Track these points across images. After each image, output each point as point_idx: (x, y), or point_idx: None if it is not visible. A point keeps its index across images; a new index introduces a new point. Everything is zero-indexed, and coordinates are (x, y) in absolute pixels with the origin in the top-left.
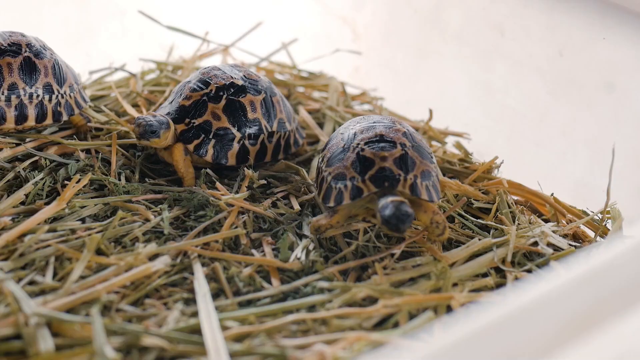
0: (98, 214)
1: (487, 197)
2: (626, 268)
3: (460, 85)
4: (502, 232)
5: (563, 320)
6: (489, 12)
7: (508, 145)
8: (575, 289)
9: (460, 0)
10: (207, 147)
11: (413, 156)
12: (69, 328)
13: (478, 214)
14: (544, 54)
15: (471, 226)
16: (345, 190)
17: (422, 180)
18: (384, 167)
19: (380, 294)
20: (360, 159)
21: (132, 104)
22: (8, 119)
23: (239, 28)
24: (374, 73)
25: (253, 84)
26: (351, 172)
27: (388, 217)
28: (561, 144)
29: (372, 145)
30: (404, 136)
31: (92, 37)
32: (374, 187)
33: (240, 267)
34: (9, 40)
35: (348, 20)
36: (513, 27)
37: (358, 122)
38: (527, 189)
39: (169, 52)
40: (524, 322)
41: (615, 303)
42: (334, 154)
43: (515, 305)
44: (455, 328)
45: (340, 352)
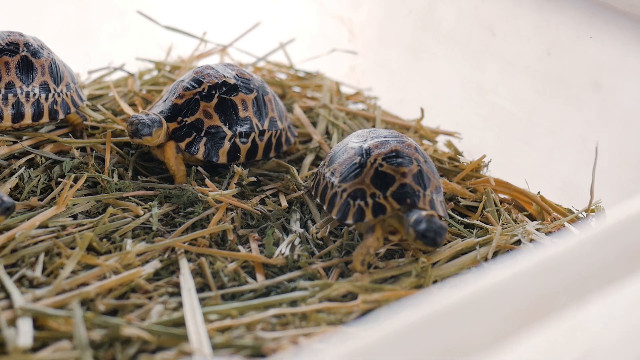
0: (90, 210)
1: (474, 196)
2: (573, 263)
3: (453, 84)
4: (486, 231)
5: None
6: (480, 12)
7: (498, 144)
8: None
9: (452, 0)
10: (198, 145)
11: (427, 172)
12: (54, 322)
13: (465, 212)
14: (533, 53)
15: (457, 225)
16: (366, 208)
17: (437, 196)
18: (405, 184)
19: (361, 290)
20: (379, 174)
21: (130, 103)
22: (5, 117)
23: (237, 28)
24: (370, 72)
25: (245, 83)
26: (371, 189)
27: (424, 232)
28: (549, 142)
29: (390, 160)
30: (416, 151)
31: (91, 37)
32: (396, 204)
33: (225, 263)
34: (7, 39)
35: (345, 20)
36: (503, 26)
37: (367, 136)
38: (514, 187)
39: (167, 52)
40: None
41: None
42: (348, 169)
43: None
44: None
45: (315, 345)
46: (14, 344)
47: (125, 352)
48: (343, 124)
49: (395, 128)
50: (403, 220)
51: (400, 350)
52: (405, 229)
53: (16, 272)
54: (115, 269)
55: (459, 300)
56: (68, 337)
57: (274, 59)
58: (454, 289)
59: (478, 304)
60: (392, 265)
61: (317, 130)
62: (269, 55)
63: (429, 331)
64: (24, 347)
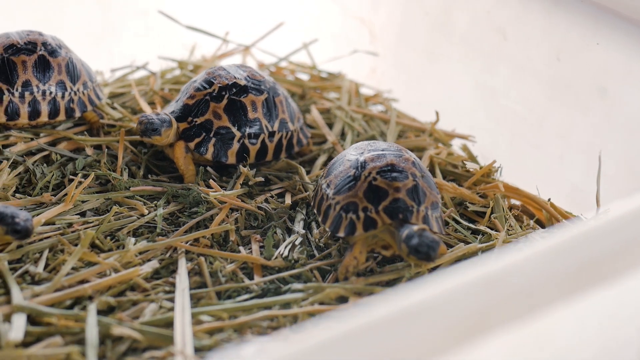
0: (100, 208)
1: (483, 201)
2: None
3: (467, 88)
4: (490, 237)
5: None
6: (492, 16)
7: (511, 148)
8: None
9: (466, 3)
10: (207, 146)
11: (423, 187)
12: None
13: (474, 218)
14: (543, 58)
15: (462, 231)
16: (357, 221)
17: (432, 212)
18: (398, 198)
19: (351, 293)
20: (372, 188)
21: (149, 101)
22: (22, 115)
23: (259, 28)
24: (390, 74)
25: (256, 84)
26: (363, 202)
27: (417, 246)
28: (559, 148)
29: (384, 174)
30: (413, 165)
31: (115, 35)
32: (388, 219)
33: (224, 263)
34: (26, 38)
35: (365, 21)
36: (514, 31)
37: (365, 148)
38: (524, 192)
39: (190, 51)
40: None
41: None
42: (343, 181)
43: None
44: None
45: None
46: (6, 338)
47: (115, 349)
48: (358, 126)
49: (410, 131)
50: (395, 235)
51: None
52: (397, 244)
53: (20, 267)
54: (114, 267)
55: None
56: (61, 333)
57: (295, 59)
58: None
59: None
60: (388, 269)
61: (333, 131)
62: (291, 56)
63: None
64: (15, 341)
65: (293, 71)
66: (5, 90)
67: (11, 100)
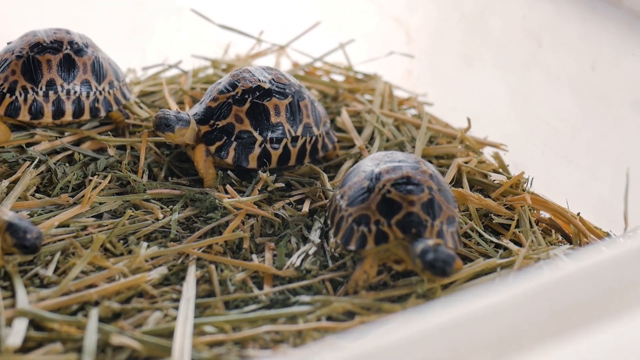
0: (117, 210)
1: (509, 213)
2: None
3: (501, 94)
4: (510, 253)
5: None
6: (527, 20)
7: (542, 159)
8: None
9: (502, 7)
10: (228, 149)
11: (440, 201)
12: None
13: (499, 230)
14: (577, 67)
15: (484, 244)
16: (369, 234)
17: (447, 227)
18: (412, 212)
19: (359, 308)
20: (386, 201)
21: (179, 101)
22: (45, 114)
23: (293, 28)
24: (425, 77)
25: (280, 88)
26: (376, 215)
27: (432, 262)
28: (590, 161)
29: (399, 187)
30: (430, 178)
31: (149, 33)
32: (400, 233)
33: (235, 271)
34: (52, 37)
35: (402, 22)
36: (549, 37)
37: (381, 159)
38: (552, 206)
39: (225, 50)
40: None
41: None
42: (356, 192)
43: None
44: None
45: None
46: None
47: (115, 358)
48: (388, 131)
49: (441, 137)
50: (409, 250)
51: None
52: (411, 259)
53: (31, 269)
54: (122, 272)
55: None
56: (62, 340)
57: (330, 60)
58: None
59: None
60: (401, 284)
61: (362, 136)
62: (326, 56)
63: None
64: (13, 346)
65: (328, 72)
66: (30, 89)
67: (35, 99)
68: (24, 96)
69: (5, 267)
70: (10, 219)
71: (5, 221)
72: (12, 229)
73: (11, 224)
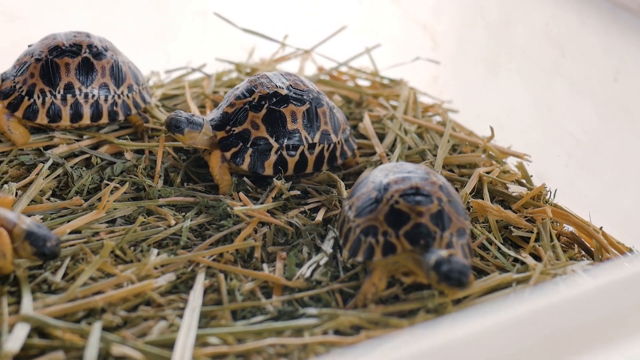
0: (131, 215)
1: (530, 225)
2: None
3: (524, 103)
4: (527, 267)
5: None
6: (550, 29)
7: (566, 170)
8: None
9: (526, 14)
10: (244, 156)
11: (449, 212)
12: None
13: (519, 243)
14: (600, 78)
15: (501, 257)
16: (376, 245)
17: (457, 238)
18: (420, 223)
19: (366, 322)
20: (394, 212)
21: (201, 105)
22: (63, 117)
23: (318, 32)
24: (451, 83)
25: (298, 94)
26: (384, 226)
27: (448, 273)
28: (613, 174)
29: (407, 198)
30: (440, 189)
31: (174, 36)
32: (408, 245)
33: (245, 280)
34: (72, 40)
35: (428, 27)
36: (572, 46)
37: (390, 170)
38: (574, 219)
39: (249, 54)
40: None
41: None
42: (364, 203)
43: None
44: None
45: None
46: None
47: None
48: (410, 139)
49: (464, 145)
50: (421, 263)
51: None
52: (424, 272)
53: (40, 274)
54: (129, 279)
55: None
56: (65, 348)
57: (354, 64)
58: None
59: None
60: (412, 297)
61: (384, 142)
62: (351, 61)
63: None
64: (10, 351)
65: (354, 77)
66: (48, 92)
67: (53, 102)
68: (42, 99)
69: (15, 272)
70: (29, 228)
71: (24, 230)
72: (31, 238)
73: (30, 233)
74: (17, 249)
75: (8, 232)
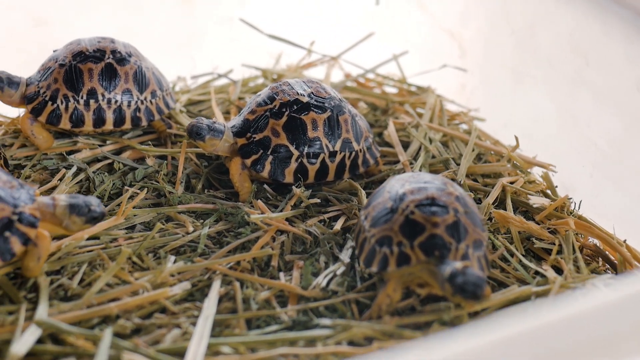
0: (151, 221)
1: (552, 237)
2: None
3: (550, 112)
4: (547, 280)
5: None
6: (575, 38)
7: (591, 181)
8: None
9: (551, 23)
10: (264, 163)
11: (466, 223)
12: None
13: (541, 255)
14: (624, 88)
15: (521, 270)
16: (390, 256)
17: (474, 250)
18: (435, 234)
19: (380, 334)
20: (409, 222)
21: (226, 111)
22: (86, 122)
23: (345, 38)
24: (479, 92)
25: (319, 102)
26: (398, 236)
27: (463, 285)
28: (638, 185)
29: (423, 208)
30: (456, 200)
31: (200, 42)
32: (423, 256)
33: (260, 289)
34: (96, 46)
35: (455, 35)
36: (596, 56)
37: (407, 180)
38: (598, 231)
39: (276, 60)
40: None
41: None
42: (380, 213)
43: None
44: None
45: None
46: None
47: None
48: (434, 148)
49: (488, 154)
50: (436, 274)
51: None
52: (439, 283)
53: (57, 279)
54: (144, 287)
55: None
56: (78, 354)
57: (381, 71)
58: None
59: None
60: (428, 309)
61: (408, 151)
62: (378, 68)
63: None
64: (16, 355)
65: (381, 84)
66: (71, 98)
67: (76, 108)
68: (65, 104)
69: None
70: (68, 202)
71: (65, 206)
72: (75, 210)
73: (72, 206)
74: (68, 227)
75: (50, 215)
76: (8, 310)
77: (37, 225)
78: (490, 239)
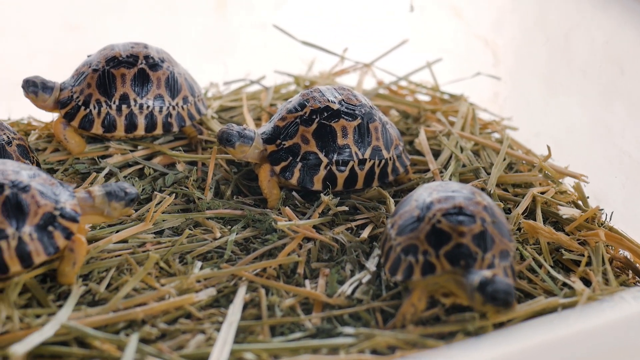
0: (180, 226)
1: (582, 249)
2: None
3: (583, 122)
4: (574, 292)
5: None
6: (610, 47)
7: (623, 193)
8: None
9: (586, 31)
10: (293, 170)
11: (493, 233)
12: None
13: (570, 266)
14: None
15: (549, 281)
16: (415, 264)
17: (500, 260)
18: (461, 244)
19: (403, 343)
20: (435, 231)
21: (257, 117)
22: (118, 127)
23: (378, 46)
24: (512, 100)
25: (350, 109)
26: (424, 245)
27: (494, 293)
28: None
29: (449, 217)
30: (484, 210)
31: (232, 48)
32: (448, 265)
33: (285, 296)
34: (129, 51)
35: (489, 42)
36: (631, 65)
37: (435, 189)
38: (628, 243)
39: (309, 66)
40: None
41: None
42: (406, 221)
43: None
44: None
45: None
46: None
47: None
48: (464, 156)
49: (520, 164)
50: (463, 284)
51: None
52: (467, 293)
53: (85, 284)
54: (169, 293)
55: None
56: (102, 358)
57: (415, 79)
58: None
59: None
60: (453, 319)
61: (439, 160)
62: (411, 75)
63: None
64: (15, 354)
65: (413, 91)
66: (103, 103)
67: (108, 113)
68: (97, 109)
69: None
70: (104, 190)
71: (102, 194)
72: (113, 197)
73: (109, 193)
74: (110, 214)
75: (90, 207)
76: (35, 313)
77: (78, 219)
78: (518, 249)
